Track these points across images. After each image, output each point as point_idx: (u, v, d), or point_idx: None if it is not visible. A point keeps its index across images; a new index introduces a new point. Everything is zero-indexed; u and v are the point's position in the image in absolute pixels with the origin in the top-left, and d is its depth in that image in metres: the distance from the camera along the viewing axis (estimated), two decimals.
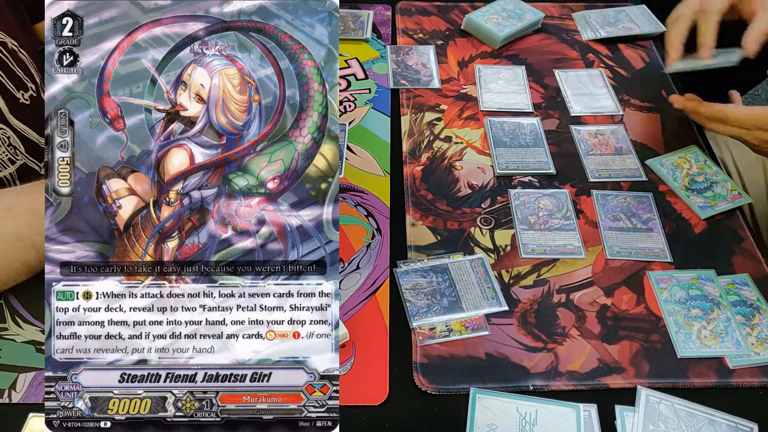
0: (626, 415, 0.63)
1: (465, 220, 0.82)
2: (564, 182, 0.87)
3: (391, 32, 1.11)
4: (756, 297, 0.73)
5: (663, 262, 0.77)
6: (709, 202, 0.83)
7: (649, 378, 0.67)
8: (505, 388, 0.66)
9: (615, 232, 0.80)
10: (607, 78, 1.03)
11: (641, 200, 0.84)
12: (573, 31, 1.12)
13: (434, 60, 1.05)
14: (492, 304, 0.72)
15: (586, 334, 0.70)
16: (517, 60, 1.06)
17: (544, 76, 1.03)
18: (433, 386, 0.66)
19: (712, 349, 0.69)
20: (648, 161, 0.89)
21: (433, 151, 0.91)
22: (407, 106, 0.97)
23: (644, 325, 0.71)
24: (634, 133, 0.94)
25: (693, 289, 0.74)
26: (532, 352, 0.69)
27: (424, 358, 0.68)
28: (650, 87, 1.02)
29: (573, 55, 1.07)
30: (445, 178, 0.87)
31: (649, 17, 1.13)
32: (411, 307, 0.72)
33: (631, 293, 0.74)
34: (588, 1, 1.20)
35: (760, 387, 0.66)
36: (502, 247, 0.79)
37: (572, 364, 0.68)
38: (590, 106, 0.98)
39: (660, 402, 0.64)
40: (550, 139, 0.92)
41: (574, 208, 0.83)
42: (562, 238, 0.79)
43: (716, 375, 0.67)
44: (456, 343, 0.69)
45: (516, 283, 0.75)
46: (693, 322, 0.71)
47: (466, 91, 1.00)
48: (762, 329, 0.70)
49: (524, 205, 0.83)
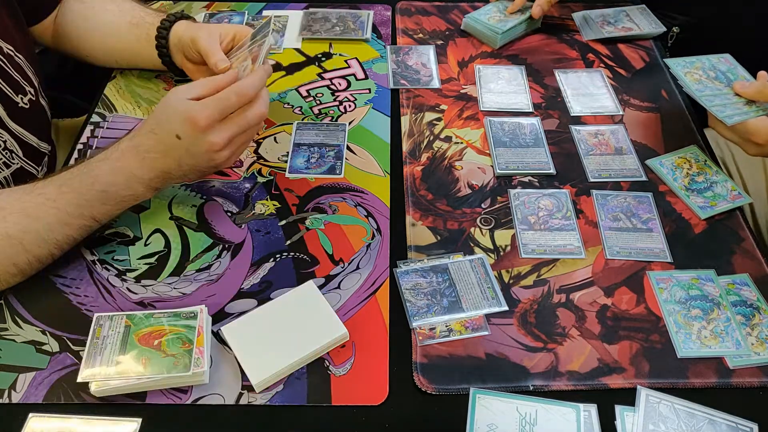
0: (626, 415, 0.63)
1: (465, 220, 0.82)
2: (564, 182, 0.86)
3: (391, 32, 1.11)
4: (756, 297, 0.73)
5: (663, 262, 0.77)
6: (709, 202, 0.83)
7: (649, 378, 0.67)
8: (505, 388, 0.65)
9: (615, 232, 0.80)
10: (607, 78, 1.02)
11: (641, 200, 0.84)
12: (573, 31, 1.12)
13: (434, 60, 1.05)
14: (492, 304, 0.72)
15: (586, 334, 0.70)
16: (517, 60, 1.06)
17: (544, 76, 1.03)
18: (433, 386, 0.66)
19: (712, 349, 0.69)
20: (648, 161, 0.89)
21: (433, 151, 0.91)
22: (407, 106, 0.97)
23: (644, 325, 0.71)
24: (634, 133, 0.94)
25: (693, 289, 0.74)
26: (532, 352, 0.69)
27: (424, 358, 0.68)
28: (650, 87, 1.02)
29: (573, 55, 1.07)
30: (445, 178, 0.87)
31: (649, 17, 1.13)
32: (411, 307, 0.72)
33: (631, 293, 0.74)
34: (588, 1, 1.19)
35: (760, 387, 0.66)
36: (502, 247, 0.79)
37: (572, 364, 0.68)
38: (590, 106, 0.98)
39: (660, 402, 0.64)
40: (550, 139, 0.92)
41: (574, 208, 0.83)
42: (562, 238, 0.79)
43: (716, 375, 0.67)
44: (456, 343, 0.69)
45: (516, 283, 0.75)
46: (693, 322, 0.71)
47: (466, 91, 1.00)
48: (762, 329, 0.70)
49: (524, 205, 0.83)
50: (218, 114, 0.70)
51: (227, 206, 0.82)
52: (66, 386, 0.65)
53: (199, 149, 0.71)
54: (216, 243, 0.78)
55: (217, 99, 0.70)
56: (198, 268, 0.75)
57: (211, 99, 0.70)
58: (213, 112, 0.70)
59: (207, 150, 0.71)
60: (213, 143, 0.71)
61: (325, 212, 0.82)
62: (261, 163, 0.88)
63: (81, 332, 0.68)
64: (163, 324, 0.67)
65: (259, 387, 0.65)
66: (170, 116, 0.70)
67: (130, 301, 0.72)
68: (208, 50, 0.82)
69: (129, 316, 0.67)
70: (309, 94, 0.99)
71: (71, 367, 0.66)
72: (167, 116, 0.71)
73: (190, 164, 0.73)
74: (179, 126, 0.70)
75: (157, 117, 0.72)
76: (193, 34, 0.86)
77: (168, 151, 0.71)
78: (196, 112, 0.69)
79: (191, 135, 0.70)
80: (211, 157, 0.72)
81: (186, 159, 0.72)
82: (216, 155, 0.72)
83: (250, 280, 0.74)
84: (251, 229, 0.80)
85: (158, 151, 0.71)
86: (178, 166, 0.72)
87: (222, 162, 0.74)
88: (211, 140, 0.70)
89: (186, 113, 0.69)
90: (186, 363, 0.63)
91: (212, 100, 0.70)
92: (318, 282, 0.74)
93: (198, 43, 0.84)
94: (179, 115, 0.70)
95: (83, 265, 0.75)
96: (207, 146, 0.71)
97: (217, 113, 0.70)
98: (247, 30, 0.86)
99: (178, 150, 0.71)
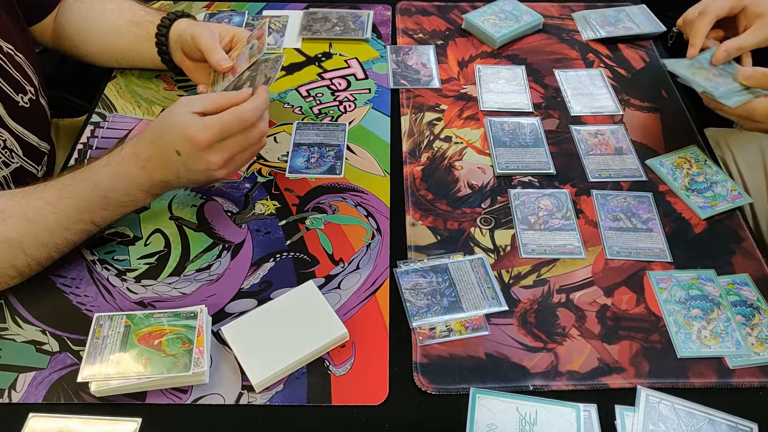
0: (626, 415, 0.63)
1: (465, 220, 0.82)
2: (564, 182, 0.86)
3: (391, 32, 1.11)
4: (756, 297, 0.73)
5: (663, 262, 0.77)
6: (709, 202, 0.83)
7: (649, 378, 0.67)
8: (505, 388, 0.65)
9: (615, 232, 0.80)
10: (607, 78, 1.02)
11: (641, 200, 0.84)
12: (573, 31, 1.12)
13: (434, 60, 1.05)
14: (492, 304, 0.72)
15: (586, 334, 0.70)
16: (517, 60, 1.06)
17: (544, 76, 1.03)
18: (433, 386, 0.66)
19: (712, 349, 0.69)
20: (648, 161, 0.89)
21: (433, 151, 0.91)
22: (407, 106, 0.97)
23: (644, 325, 0.71)
24: (634, 133, 0.94)
25: (693, 289, 0.74)
26: (532, 352, 0.69)
27: (424, 358, 0.68)
28: (650, 87, 1.02)
29: (573, 55, 1.07)
30: (445, 178, 0.87)
31: (649, 17, 1.13)
32: (411, 307, 0.72)
33: (631, 293, 0.74)
34: (588, 1, 1.19)
35: (760, 387, 0.66)
36: (502, 247, 0.79)
37: (572, 364, 0.68)
38: (590, 106, 0.98)
39: (660, 402, 0.64)
40: (550, 139, 0.92)
41: (574, 208, 0.83)
42: (562, 238, 0.79)
43: (716, 375, 0.67)
44: (456, 343, 0.69)
45: (516, 283, 0.75)
46: (693, 322, 0.71)
47: (466, 91, 1.00)
48: (762, 329, 0.70)
49: (524, 205, 0.83)
50: (218, 136, 0.70)
51: (227, 206, 0.82)
52: (66, 386, 0.65)
53: (197, 166, 0.71)
54: (216, 243, 0.78)
55: (220, 122, 0.70)
56: (198, 268, 0.75)
57: (214, 121, 0.70)
58: (213, 134, 0.70)
59: (206, 168, 0.72)
60: (211, 162, 0.71)
61: (325, 212, 0.82)
62: (261, 163, 0.88)
63: (81, 332, 0.68)
64: (163, 324, 0.67)
65: (259, 387, 0.65)
66: (171, 131, 0.70)
67: (130, 301, 0.72)
68: (210, 48, 0.82)
69: (129, 316, 0.67)
70: (309, 94, 0.99)
71: (71, 367, 0.66)
72: (169, 129, 0.71)
73: (189, 178, 0.73)
74: (179, 142, 0.70)
75: (159, 127, 0.72)
76: (193, 31, 0.86)
77: (166, 163, 0.71)
78: (196, 132, 0.69)
79: (190, 153, 0.70)
80: (209, 174, 0.73)
81: (184, 173, 0.72)
82: (214, 173, 0.73)
83: (250, 280, 0.74)
84: (251, 229, 0.80)
85: (157, 161, 0.72)
86: (177, 177, 0.73)
87: (221, 178, 0.74)
88: (210, 159, 0.71)
89: (187, 131, 0.69)
90: (186, 363, 0.63)
91: (215, 122, 0.70)
92: (318, 282, 0.74)
93: (199, 40, 0.84)
94: (180, 132, 0.70)
95: (83, 265, 0.75)
96: (206, 164, 0.71)
97: (217, 136, 0.70)
98: (245, 33, 0.86)
99: (177, 164, 0.71)
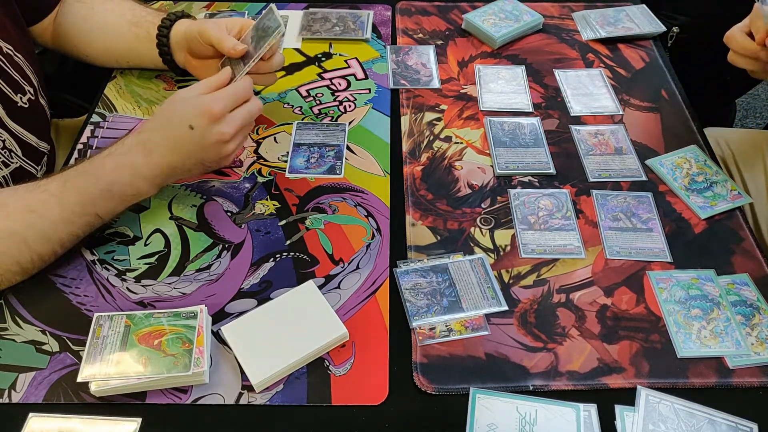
0: (626, 415, 0.63)
1: (465, 220, 0.82)
2: (564, 182, 0.86)
3: (391, 32, 1.11)
4: (756, 297, 0.73)
5: (663, 262, 0.77)
6: (709, 202, 0.83)
7: (649, 378, 0.67)
8: (505, 388, 0.66)
9: (615, 232, 0.80)
10: (607, 78, 1.02)
11: (641, 200, 0.84)
12: (573, 31, 1.12)
13: (434, 60, 1.05)
14: (492, 304, 0.72)
15: (586, 334, 0.70)
16: (517, 60, 1.06)
17: (544, 76, 1.03)
18: (433, 386, 0.66)
19: (712, 349, 0.69)
20: (648, 161, 0.89)
21: (433, 151, 0.91)
22: (407, 106, 0.97)
23: (644, 325, 0.71)
24: (634, 133, 0.94)
25: (693, 289, 0.74)
26: (532, 352, 0.69)
27: (424, 358, 0.68)
28: (650, 87, 1.02)
29: (573, 55, 1.07)
30: (445, 178, 0.87)
31: (649, 17, 1.13)
32: (411, 307, 0.72)
33: (631, 293, 0.74)
34: (588, 1, 1.19)
35: (760, 387, 0.66)
36: (502, 247, 0.79)
37: (572, 364, 0.68)
38: (590, 106, 0.98)
39: (660, 402, 0.64)
40: (550, 139, 0.92)
41: (574, 208, 0.83)
42: (562, 238, 0.79)
43: (716, 375, 0.67)
44: (456, 343, 0.69)
45: (516, 283, 0.75)
46: (693, 322, 0.71)
47: (466, 91, 1.00)
48: (762, 329, 0.70)
49: (524, 205, 0.83)
50: (231, 104, 0.75)
51: (227, 206, 0.82)
52: (66, 386, 0.65)
53: (209, 140, 0.74)
54: (216, 243, 0.78)
55: (230, 93, 0.75)
56: (198, 268, 0.75)
57: (224, 91, 0.75)
58: (227, 102, 0.74)
59: (217, 141, 0.74)
60: (223, 133, 0.74)
61: (325, 212, 0.82)
62: (261, 163, 0.88)
63: (81, 332, 0.68)
64: (163, 324, 0.67)
65: (259, 387, 0.65)
66: (183, 109, 0.75)
67: (130, 301, 0.72)
68: (220, 38, 0.83)
69: (129, 315, 0.67)
70: (309, 94, 0.99)
71: (71, 366, 0.66)
72: (179, 110, 0.75)
73: (198, 157, 0.75)
74: (193, 117, 0.73)
75: (165, 114, 0.75)
76: (200, 26, 0.86)
77: (176, 146, 0.74)
78: (210, 101, 0.74)
79: (204, 125, 0.73)
80: (219, 149, 0.75)
81: (195, 151, 0.75)
82: (224, 147, 0.76)
83: (250, 280, 0.74)
84: (251, 229, 0.80)
85: (166, 146, 0.74)
86: (186, 159, 0.75)
87: (227, 154, 0.77)
88: (221, 130, 0.74)
89: (200, 103, 0.74)
90: (186, 363, 0.63)
91: (224, 93, 0.75)
92: (318, 282, 0.74)
93: (207, 34, 0.84)
94: (193, 107, 0.74)
95: (83, 264, 0.75)
96: (217, 136, 0.74)
97: (230, 104, 0.75)
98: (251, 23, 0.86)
99: (188, 143, 0.74)
